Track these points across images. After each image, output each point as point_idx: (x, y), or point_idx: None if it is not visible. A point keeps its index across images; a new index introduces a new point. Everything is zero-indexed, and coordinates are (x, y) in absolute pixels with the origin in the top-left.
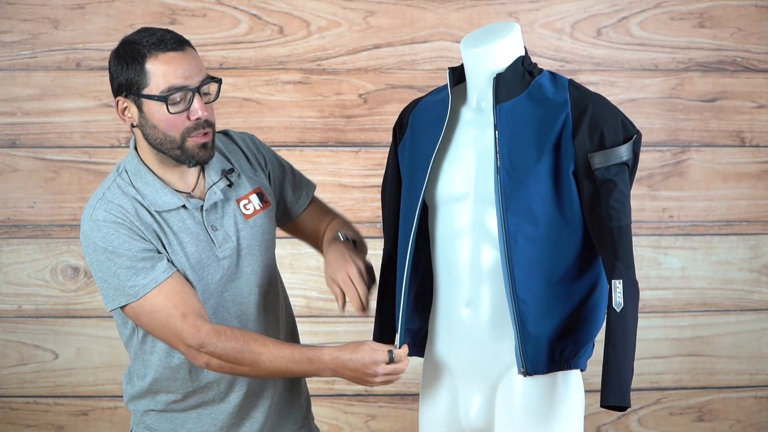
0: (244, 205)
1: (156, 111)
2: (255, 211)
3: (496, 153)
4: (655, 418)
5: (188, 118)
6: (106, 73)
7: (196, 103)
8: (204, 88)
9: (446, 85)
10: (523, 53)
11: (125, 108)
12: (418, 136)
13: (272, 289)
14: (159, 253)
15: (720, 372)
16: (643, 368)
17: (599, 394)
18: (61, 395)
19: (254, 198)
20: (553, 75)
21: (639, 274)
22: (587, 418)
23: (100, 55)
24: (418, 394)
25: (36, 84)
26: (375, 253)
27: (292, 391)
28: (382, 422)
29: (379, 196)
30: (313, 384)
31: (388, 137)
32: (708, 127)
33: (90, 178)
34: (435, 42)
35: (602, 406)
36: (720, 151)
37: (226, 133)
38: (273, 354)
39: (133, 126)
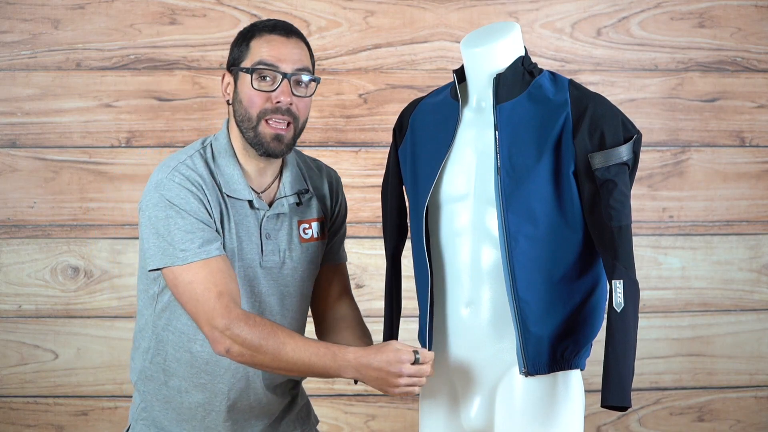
0: (304, 229)
1: (244, 84)
2: (312, 238)
3: (496, 153)
4: (655, 418)
5: (270, 100)
6: (106, 73)
7: (283, 87)
8: (298, 78)
9: (446, 86)
10: (523, 53)
11: (228, 84)
12: (419, 137)
13: (300, 318)
14: (218, 233)
15: (720, 372)
16: (643, 368)
17: (599, 394)
18: (61, 395)
19: (315, 226)
20: (553, 75)
21: (639, 274)
22: (587, 418)
23: (100, 55)
24: (418, 394)
25: (36, 84)
26: (376, 253)
27: (290, 405)
28: (382, 422)
29: (379, 196)
30: (313, 384)
31: (388, 137)
32: (708, 127)
33: (90, 178)
34: (435, 42)
35: (602, 406)
36: (720, 151)
37: (317, 162)
38: (298, 345)
39: (228, 103)
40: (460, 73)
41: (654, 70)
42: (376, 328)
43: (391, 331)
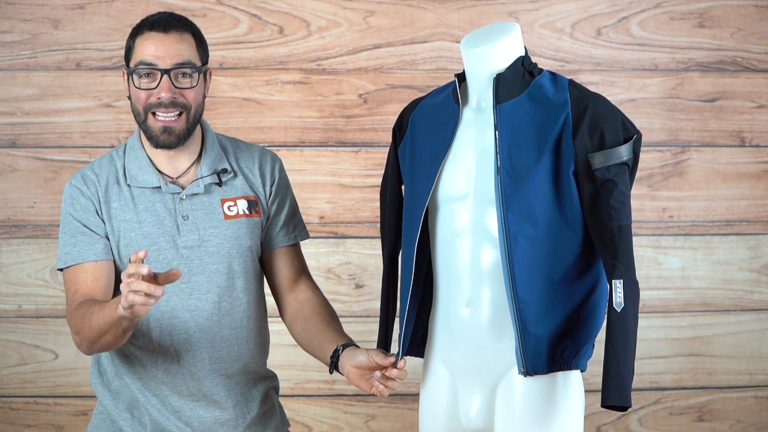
0: (228, 207)
1: (131, 83)
2: (237, 215)
3: (496, 153)
4: (655, 418)
5: (153, 96)
6: (106, 73)
7: (162, 84)
8: (178, 72)
9: (446, 86)
10: (523, 53)
11: (126, 80)
12: (419, 138)
13: (237, 296)
14: (106, 237)
15: (720, 372)
16: (643, 368)
17: (599, 394)
18: (61, 395)
19: (242, 203)
20: (553, 75)
21: (639, 274)
22: (587, 418)
23: (100, 55)
24: (418, 394)
25: (36, 84)
26: (376, 253)
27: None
28: (382, 422)
29: (379, 196)
30: (312, 384)
31: (388, 137)
32: (708, 127)
33: None
34: (435, 42)
35: (603, 405)
36: (720, 151)
37: (252, 145)
38: (100, 307)
39: (128, 98)
40: (462, 77)
41: (654, 70)
42: (375, 328)
43: (386, 334)
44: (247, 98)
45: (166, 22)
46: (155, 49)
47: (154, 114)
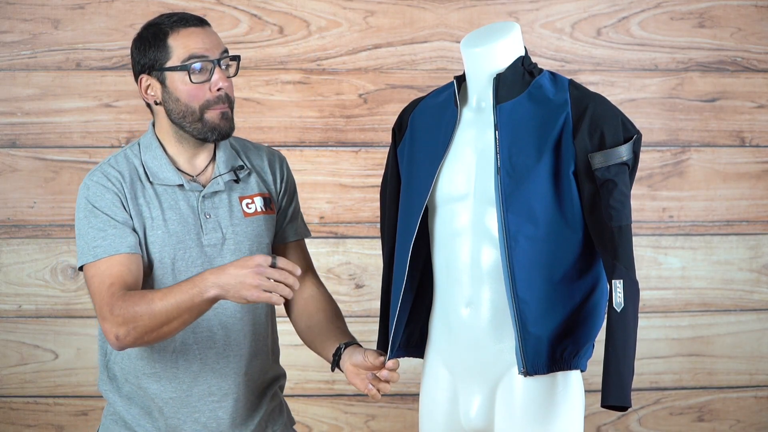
0: (247, 204)
1: (179, 82)
2: (256, 212)
3: (496, 153)
4: (655, 418)
5: (209, 90)
6: (106, 73)
7: (217, 75)
8: (224, 62)
9: (446, 86)
10: (523, 53)
11: (148, 86)
12: (418, 138)
13: None
14: (134, 231)
15: (720, 372)
16: (643, 368)
17: (599, 394)
18: (61, 395)
19: (258, 200)
20: (553, 75)
21: (639, 274)
22: (587, 418)
23: (100, 55)
24: (418, 394)
25: (36, 84)
26: (376, 253)
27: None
28: (382, 422)
29: (379, 196)
30: (312, 384)
31: (388, 137)
32: (708, 127)
33: None
34: (435, 42)
35: (603, 406)
36: (720, 151)
37: (257, 144)
38: (164, 293)
39: (156, 104)
40: (461, 79)
41: (654, 70)
42: (375, 328)
43: (386, 334)
44: (247, 98)
45: (193, 18)
46: (202, 41)
47: (209, 109)
